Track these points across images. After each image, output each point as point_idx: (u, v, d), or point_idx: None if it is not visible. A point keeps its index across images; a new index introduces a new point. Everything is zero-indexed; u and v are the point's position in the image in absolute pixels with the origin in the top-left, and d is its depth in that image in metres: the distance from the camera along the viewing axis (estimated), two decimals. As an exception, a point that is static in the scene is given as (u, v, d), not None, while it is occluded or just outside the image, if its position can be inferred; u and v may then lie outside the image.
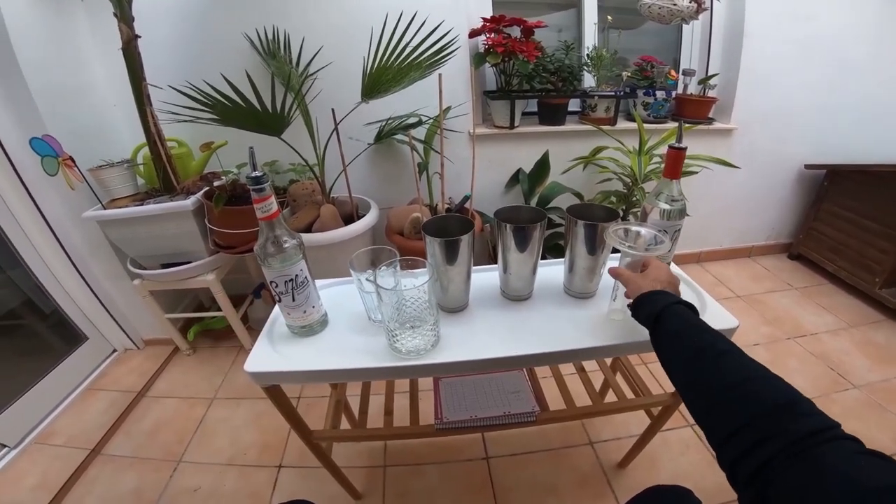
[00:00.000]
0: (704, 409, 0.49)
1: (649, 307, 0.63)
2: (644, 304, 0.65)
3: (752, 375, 0.48)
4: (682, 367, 0.55)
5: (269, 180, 0.64)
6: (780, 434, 0.40)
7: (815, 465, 0.36)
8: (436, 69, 1.48)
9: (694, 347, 0.54)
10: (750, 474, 0.40)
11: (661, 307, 0.61)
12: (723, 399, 0.47)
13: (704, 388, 0.50)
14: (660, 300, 0.63)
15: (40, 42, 1.39)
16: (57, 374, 1.63)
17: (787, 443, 0.39)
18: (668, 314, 0.60)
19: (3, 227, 1.48)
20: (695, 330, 0.57)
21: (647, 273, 0.70)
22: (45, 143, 1.30)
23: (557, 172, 1.89)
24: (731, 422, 0.44)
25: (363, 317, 0.85)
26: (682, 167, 0.75)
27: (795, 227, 2.47)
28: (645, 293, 0.65)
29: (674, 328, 0.59)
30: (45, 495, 1.27)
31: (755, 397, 0.45)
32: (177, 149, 1.64)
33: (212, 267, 1.63)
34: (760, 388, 0.46)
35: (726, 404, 0.46)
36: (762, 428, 0.42)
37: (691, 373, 0.53)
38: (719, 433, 0.46)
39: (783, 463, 0.38)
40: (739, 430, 0.43)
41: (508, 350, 0.75)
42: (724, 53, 2.01)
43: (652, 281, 0.68)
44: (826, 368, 1.65)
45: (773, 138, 2.14)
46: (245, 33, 1.62)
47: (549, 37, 1.96)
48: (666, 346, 0.60)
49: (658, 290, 0.65)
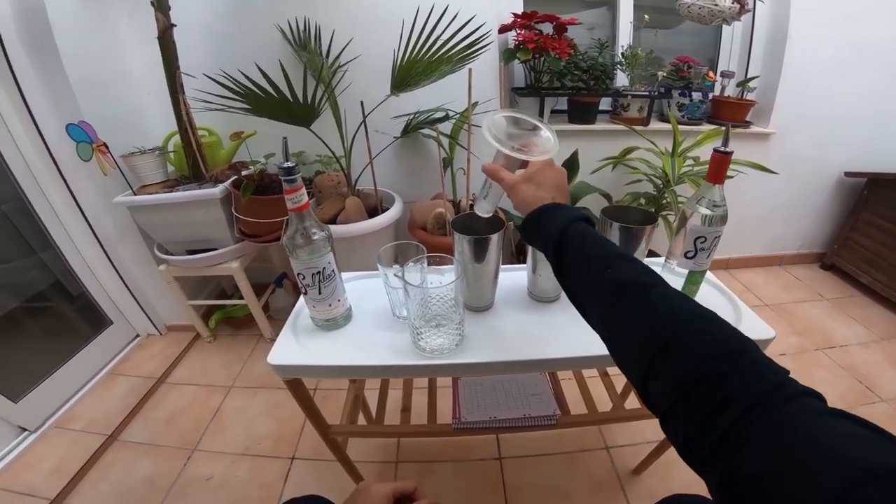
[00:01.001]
0: (643, 368, 0.40)
1: (546, 228, 0.52)
2: (538, 223, 0.53)
3: (691, 317, 0.40)
4: (603, 309, 0.45)
5: (300, 171, 0.64)
6: (737, 393, 0.33)
7: (788, 430, 0.30)
8: (467, 64, 1.46)
9: (615, 284, 0.44)
10: (715, 442, 0.33)
11: (560, 228, 0.50)
12: (664, 351, 0.39)
13: (638, 337, 0.41)
14: (558, 217, 0.51)
15: (80, 31, 1.42)
16: (81, 357, 1.66)
17: (751, 402, 0.32)
18: (572, 238, 0.50)
19: (38, 210, 1.51)
20: (610, 257, 0.47)
21: (533, 175, 0.57)
22: (81, 130, 1.33)
23: (585, 172, 1.85)
24: (679, 382, 0.36)
25: (387, 312, 0.83)
26: (726, 172, 0.72)
27: (830, 237, 2.37)
28: (536, 210, 0.54)
29: (584, 255, 0.48)
30: (60, 480, 1.29)
31: (702, 345, 0.37)
32: (207, 137, 1.66)
33: (236, 255, 1.65)
34: (704, 333, 0.38)
35: (670, 358, 0.38)
36: (717, 387, 0.34)
37: (619, 317, 0.44)
38: (666, 398, 0.37)
39: (752, 427, 0.31)
40: (690, 391, 0.35)
41: (534, 353, 0.73)
42: (766, 55, 1.93)
43: (537, 187, 0.56)
44: (854, 381, 1.60)
45: (812, 144, 2.06)
46: (277, 24, 1.63)
47: (581, 34, 1.91)
48: (577, 281, 0.49)
49: (551, 204, 0.54)
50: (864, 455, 0.27)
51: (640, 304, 0.43)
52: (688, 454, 0.36)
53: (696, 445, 0.35)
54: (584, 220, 0.52)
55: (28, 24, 1.31)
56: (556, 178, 0.58)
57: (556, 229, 0.51)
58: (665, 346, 0.39)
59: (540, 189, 0.56)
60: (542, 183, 0.56)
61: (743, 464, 0.31)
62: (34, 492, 1.27)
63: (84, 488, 1.30)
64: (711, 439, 0.33)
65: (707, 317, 0.40)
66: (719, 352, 0.37)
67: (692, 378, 0.36)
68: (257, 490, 1.28)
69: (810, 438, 0.29)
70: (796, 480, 0.28)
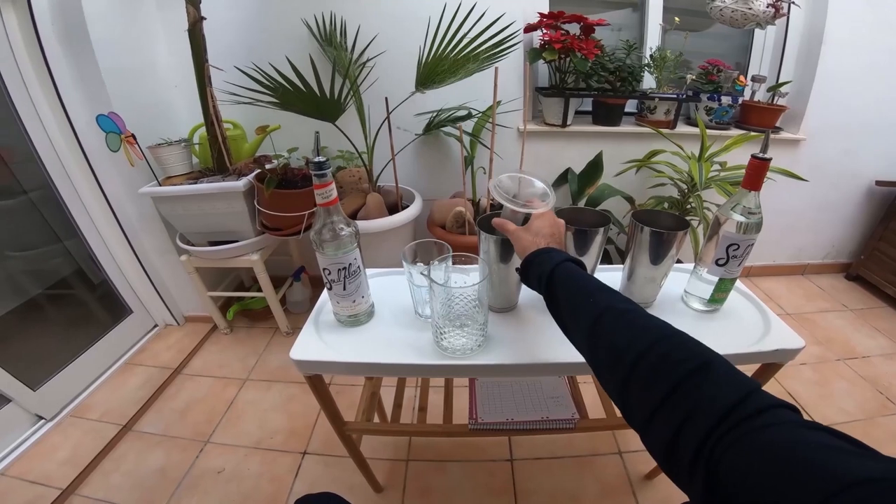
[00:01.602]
0: (620, 383, 0.43)
1: (538, 268, 0.59)
2: (532, 264, 0.61)
3: (661, 335, 0.43)
4: (586, 332, 0.50)
5: (331, 166, 0.63)
6: (706, 405, 0.35)
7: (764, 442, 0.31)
8: (493, 63, 1.45)
9: (595, 310, 0.50)
10: (691, 457, 0.34)
11: (550, 268, 0.57)
12: (637, 365, 0.41)
13: (614, 354, 0.45)
14: (547, 260, 0.59)
15: (113, 23, 1.44)
16: (100, 346, 1.68)
17: (721, 414, 0.34)
18: (560, 275, 0.56)
19: (65, 198, 1.54)
20: (591, 290, 0.53)
21: (531, 225, 0.66)
22: (111, 121, 1.35)
23: (609, 175, 1.83)
24: (651, 395, 0.39)
25: (410, 310, 0.83)
26: (763, 179, 0.70)
27: (857, 247, 2.30)
28: (531, 253, 0.62)
29: (569, 289, 0.55)
30: (72, 470, 1.30)
31: (672, 359, 0.40)
32: (232, 131, 1.68)
33: (257, 247, 1.66)
34: (674, 348, 0.41)
35: (643, 372, 0.41)
36: (688, 397, 0.36)
37: (597, 337, 0.48)
38: (643, 409, 0.40)
39: (725, 440, 0.32)
40: (663, 404, 0.38)
41: (557, 356, 0.72)
42: (799, 61, 1.88)
43: (534, 235, 0.64)
44: (875, 392, 1.56)
45: (843, 151, 2.00)
46: (303, 19, 1.63)
47: (607, 36, 1.89)
48: (564, 312, 0.55)
49: (544, 249, 0.61)
50: (841, 465, 0.27)
51: (615, 326, 0.47)
52: (669, 468, 0.38)
53: (674, 458, 0.36)
54: (572, 262, 0.59)
55: (63, 15, 1.33)
56: (550, 228, 0.66)
57: (546, 269, 0.58)
58: (637, 362, 0.41)
59: (536, 237, 0.64)
60: (538, 231, 0.65)
61: (720, 475, 0.32)
62: (47, 481, 1.27)
63: (95, 478, 1.31)
64: (687, 451, 0.34)
65: (677, 334, 0.43)
66: (690, 366, 0.39)
67: (666, 390, 0.38)
68: (267, 484, 1.28)
69: (787, 450, 0.30)
70: (776, 491, 0.28)
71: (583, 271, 0.58)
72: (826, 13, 1.72)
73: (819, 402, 1.53)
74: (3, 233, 1.45)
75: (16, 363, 1.38)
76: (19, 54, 1.33)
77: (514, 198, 0.70)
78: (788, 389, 1.58)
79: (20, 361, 1.41)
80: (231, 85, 1.29)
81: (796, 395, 1.56)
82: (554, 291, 0.56)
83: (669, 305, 0.84)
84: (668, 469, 0.38)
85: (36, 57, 1.34)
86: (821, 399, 1.54)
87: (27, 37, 1.32)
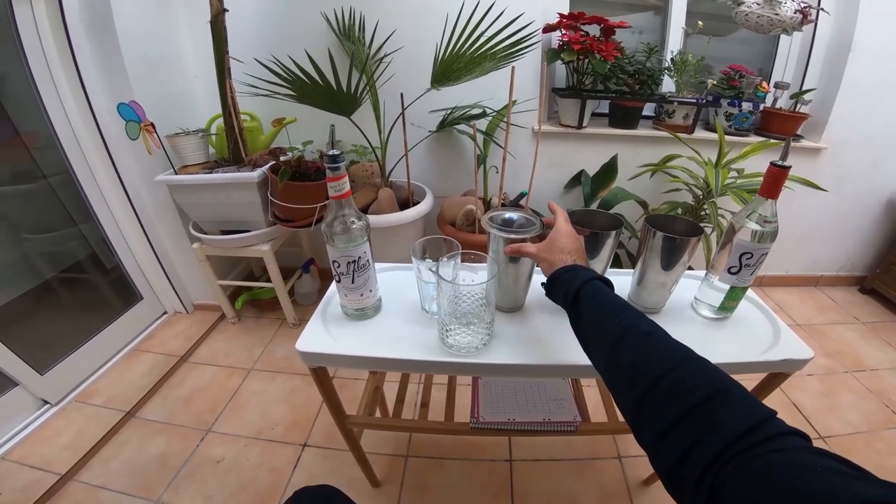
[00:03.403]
0: (635, 400, 0.44)
1: (564, 286, 0.59)
2: (558, 281, 0.61)
3: (684, 358, 0.44)
4: (607, 349, 0.50)
5: (345, 160, 0.63)
6: (718, 430, 0.35)
7: (769, 465, 0.32)
8: (511, 62, 1.44)
9: (619, 328, 0.50)
10: (696, 479, 0.34)
11: (577, 285, 0.57)
12: (654, 386, 0.42)
13: (633, 373, 0.45)
14: (575, 277, 0.59)
15: (139, 13, 1.47)
16: (109, 332, 1.70)
17: (729, 440, 0.34)
18: (587, 293, 0.56)
19: (82, 183, 1.57)
20: (616, 309, 0.53)
21: (553, 243, 0.66)
22: (131, 109, 1.37)
23: (623, 178, 1.81)
24: (664, 416, 0.39)
25: (416, 306, 0.83)
26: (781, 187, 0.68)
27: (873, 261, 2.26)
28: (558, 270, 0.62)
29: (594, 307, 0.55)
30: (73, 456, 1.30)
31: (687, 386, 0.40)
32: (248, 122, 1.69)
33: (268, 238, 1.67)
34: (694, 371, 0.42)
35: (659, 392, 0.41)
36: (699, 423, 0.37)
37: (618, 355, 0.48)
38: (652, 429, 0.40)
39: (731, 465, 0.33)
40: (675, 426, 0.38)
41: (562, 358, 0.71)
42: (825, 68, 1.84)
43: (560, 251, 0.64)
44: (881, 405, 1.54)
45: (864, 162, 1.96)
46: (323, 12, 1.64)
47: (627, 38, 1.87)
48: (588, 328, 0.56)
49: (570, 266, 0.61)
50: (842, 488, 0.28)
51: (637, 346, 0.47)
52: (672, 488, 0.38)
53: (679, 478, 0.37)
54: (599, 280, 0.59)
55: (91, 6, 1.35)
56: (574, 244, 0.66)
57: (574, 285, 0.58)
58: (656, 383, 0.42)
59: (562, 253, 0.64)
60: (563, 248, 0.65)
61: (722, 498, 0.32)
62: (47, 466, 1.27)
63: (95, 464, 1.31)
64: (693, 473, 0.35)
65: (698, 359, 0.44)
66: (707, 391, 0.39)
67: (679, 413, 0.39)
68: (266, 475, 1.29)
69: (790, 473, 0.30)
70: None
71: (609, 290, 0.58)
72: (856, 21, 1.67)
73: (824, 413, 1.51)
74: (22, 215, 1.48)
75: (26, 346, 1.39)
76: (47, 43, 1.36)
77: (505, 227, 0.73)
78: (794, 400, 1.56)
79: (30, 345, 1.42)
80: (250, 77, 1.30)
81: (801, 406, 1.54)
82: (579, 308, 0.57)
83: (679, 312, 0.83)
84: (672, 489, 0.38)
85: (62, 46, 1.37)
86: (826, 411, 1.52)
87: (55, 27, 1.35)
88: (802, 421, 1.48)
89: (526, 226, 0.75)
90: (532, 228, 0.73)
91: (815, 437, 1.42)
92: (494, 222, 0.75)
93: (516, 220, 0.76)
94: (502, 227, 0.74)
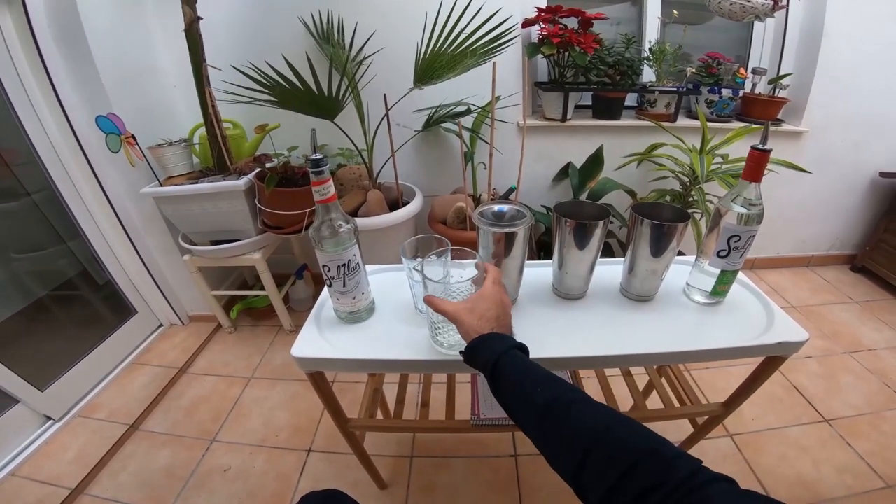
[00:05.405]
0: (574, 466, 0.45)
1: (483, 355, 0.57)
2: (477, 350, 0.58)
3: (610, 423, 0.46)
4: (535, 423, 0.51)
5: (328, 163, 0.63)
6: (661, 481, 0.39)
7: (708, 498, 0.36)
8: (491, 58, 1.44)
9: (542, 401, 0.51)
10: None
11: (495, 357, 0.56)
12: (591, 452, 0.44)
13: (566, 443, 0.47)
14: (491, 348, 0.57)
15: (109, 24, 1.44)
16: (106, 346, 1.69)
17: (671, 489, 0.38)
18: (506, 364, 0.55)
19: (67, 200, 1.55)
20: (537, 379, 0.53)
21: (474, 308, 0.61)
22: (110, 122, 1.35)
23: (610, 168, 1.82)
24: (607, 475, 0.42)
25: (410, 306, 0.83)
26: (764, 170, 0.69)
27: (862, 239, 2.29)
28: (476, 339, 0.59)
29: (515, 379, 0.54)
30: (81, 470, 1.31)
31: (624, 445, 0.43)
32: (232, 130, 1.68)
33: (259, 246, 1.66)
34: (625, 434, 0.45)
35: (597, 457, 0.44)
36: (641, 477, 0.40)
37: (547, 428, 0.50)
38: (597, 489, 0.43)
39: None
40: (619, 483, 0.41)
41: (558, 351, 0.71)
42: (799, 53, 1.87)
43: (479, 318, 0.60)
44: (882, 385, 1.56)
45: (846, 143, 1.99)
46: (300, 17, 1.63)
47: (605, 30, 1.88)
48: (511, 400, 0.55)
49: (490, 334, 0.59)
50: None
51: (564, 417, 0.49)
52: None
53: None
54: (518, 349, 0.58)
55: (59, 15, 1.33)
56: (496, 309, 0.62)
57: (492, 357, 0.56)
58: (590, 449, 0.44)
59: (480, 320, 0.60)
60: (483, 314, 0.61)
61: None
62: (56, 481, 1.28)
63: (104, 478, 1.32)
64: None
65: (624, 421, 0.46)
66: (639, 449, 0.42)
67: (617, 472, 0.41)
68: (273, 482, 1.29)
69: None
70: None
71: (529, 360, 0.58)
72: (826, 5, 1.71)
73: (825, 396, 1.51)
74: (8, 235, 1.46)
75: (23, 365, 1.39)
76: (16, 55, 1.33)
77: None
78: (794, 383, 1.57)
79: (27, 363, 1.41)
80: (229, 84, 1.29)
81: (802, 389, 1.55)
82: (500, 380, 0.56)
83: (672, 299, 0.84)
84: None
85: (33, 58, 1.34)
86: (827, 393, 1.52)
87: (23, 38, 1.32)
88: (805, 405, 1.49)
89: (517, 218, 0.74)
90: (523, 220, 0.72)
91: (819, 420, 1.42)
92: (485, 216, 0.74)
93: (507, 213, 0.76)
94: (493, 221, 0.73)
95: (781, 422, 1.43)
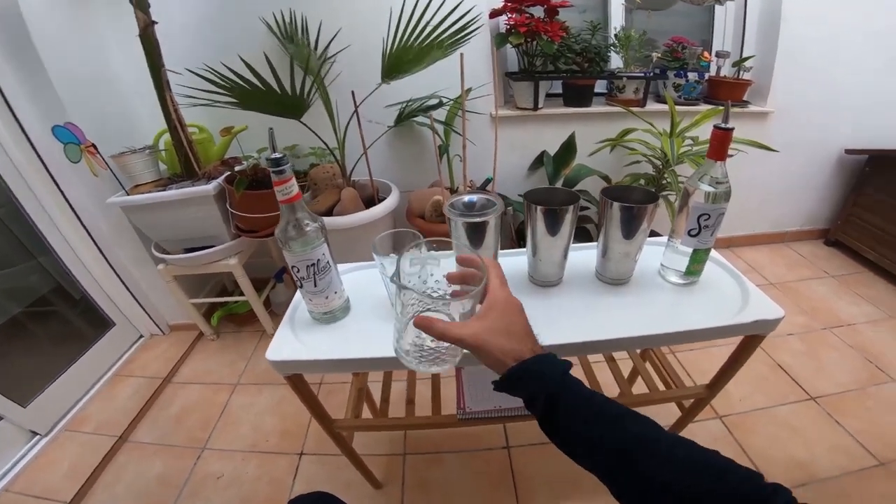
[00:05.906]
0: None
1: (532, 387, 0.46)
2: (523, 380, 0.46)
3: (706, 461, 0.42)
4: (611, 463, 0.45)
5: (289, 162, 0.62)
6: None
7: None
8: (457, 48, 1.43)
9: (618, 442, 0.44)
10: None
11: (552, 388, 0.46)
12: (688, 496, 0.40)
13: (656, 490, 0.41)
14: (545, 373, 0.46)
15: (59, 31, 1.39)
16: (86, 360, 1.66)
17: None
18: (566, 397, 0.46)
19: (31, 214, 1.50)
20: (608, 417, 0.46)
21: (494, 323, 0.48)
22: (68, 131, 1.31)
23: (583, 155, 1.84)
24: None
25: (386, 303, 0.82)
26: (728, 149, 0.70)
27: (833, 213, 2.36)
28: (515, 367, 0.46)
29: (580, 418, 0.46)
30: (75, 483, 1.30)
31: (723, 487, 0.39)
32: (198, 134, 1.64)
33: (234, 251, 1.64)
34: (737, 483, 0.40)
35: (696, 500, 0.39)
36: None
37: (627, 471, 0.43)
38: None
39: None
40: None
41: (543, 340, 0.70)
42: (760, 36, 1.91)
43: (508, 336, 0.47)
44: (864, 361, 1.58)
45: (811, 122, 2.04)
46: (261, 17, 1.59)
47: (572, 18, 1.89)
48: (575, 442, 0.47)
49: (534, 358, 0.47)
50: None
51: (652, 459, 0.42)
52: None
53: None
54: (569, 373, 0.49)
55: (1, 23, 1.27)
56: (522, 317, 0.51)
57: (544, 389, 0.46)
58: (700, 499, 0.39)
59: (511, 340, 0.48)
60: (508, 329, 0.48)
61: None
62: (52, 495, 1.28)
63: (99, 490, 1.32)
64: None
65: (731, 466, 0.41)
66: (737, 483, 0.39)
67: None
68: (266, 487, 1.28)
69: None
70: None
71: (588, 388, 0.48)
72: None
73: (810, 374, 1.53)
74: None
75: (2, 381, 1.37)
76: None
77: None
78: (778, 361, 1.59)
79: (6, 379, 1.40)
80: (189, 88, 1.26)
81: (787, 368, 1.56)
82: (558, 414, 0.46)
83: (647, 280, 0.84)
84: None
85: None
86: (814, 373, 1.53)
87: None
88: (791, 383, 1.50)
89: (487, 206, 0.73)
90: (493, 209, 0.71)
91: (805, 398, 1.44)
92: (455, 208, 0.73)
93: (477, 203, 0.75)
94: (463, 212, 0.72)
95: (769, 401, 1.44)
